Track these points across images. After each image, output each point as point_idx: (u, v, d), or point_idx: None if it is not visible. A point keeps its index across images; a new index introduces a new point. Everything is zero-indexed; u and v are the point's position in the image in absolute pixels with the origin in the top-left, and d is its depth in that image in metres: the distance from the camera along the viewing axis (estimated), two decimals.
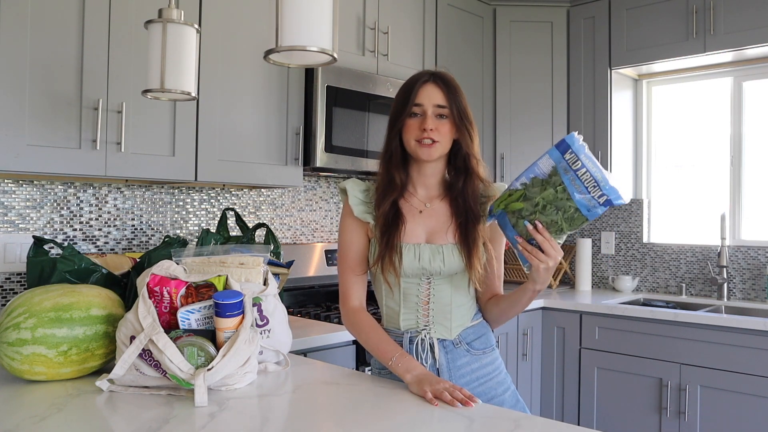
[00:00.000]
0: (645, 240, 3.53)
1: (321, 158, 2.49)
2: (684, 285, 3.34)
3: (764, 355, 2.52)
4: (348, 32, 2.68)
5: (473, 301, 1.61)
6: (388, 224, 1.51)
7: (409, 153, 1.55)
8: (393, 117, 1.56)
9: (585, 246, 3.52)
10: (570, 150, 1.33)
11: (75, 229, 2.25)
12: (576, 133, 1.36)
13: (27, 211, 2.14)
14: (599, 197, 1.31)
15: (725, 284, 3.16)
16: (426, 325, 1.54)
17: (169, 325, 1.40)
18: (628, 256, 3.56)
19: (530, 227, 1.35)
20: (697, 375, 2.68)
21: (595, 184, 1.31)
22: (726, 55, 3.07)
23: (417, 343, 1.52)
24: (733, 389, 2.59)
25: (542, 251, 1.36)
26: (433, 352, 1.52)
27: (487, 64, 3.43)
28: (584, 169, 1.31)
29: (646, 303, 3.27)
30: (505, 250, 1.71)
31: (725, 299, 3.16)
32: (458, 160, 1.57)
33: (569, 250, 3.70)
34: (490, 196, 1.57)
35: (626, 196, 1.34)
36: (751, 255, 3.15)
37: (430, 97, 1.51)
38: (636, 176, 3.53)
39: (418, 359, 1.50)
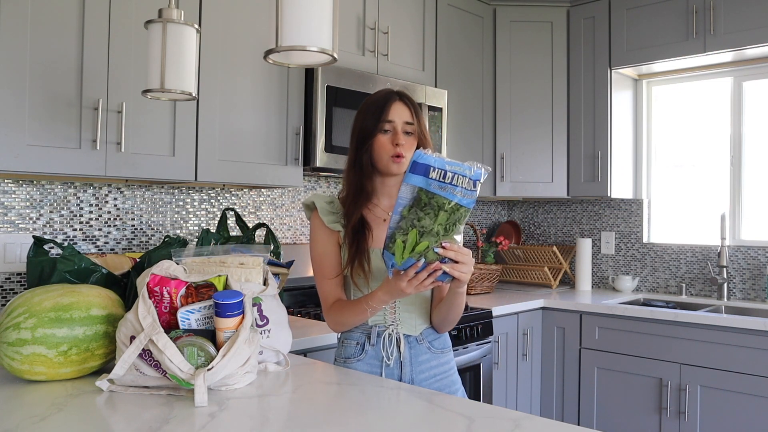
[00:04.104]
0: (645, 240, 3.53)
1: (321, 158, 2.48)
2: (684, 285, 3.34)
3: (764, 355, 2.52)
4: (348, 32, 2.68)
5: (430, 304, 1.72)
6: (357, 231, 1.61)
7: (379, 167, 1.64)
8: (363, 132, 1.64)
9: (585, 246, 3.52)
10: (430, 167, 1.40)
11: (75, 229, 2.25)
12: (421, 150, 1.42)
13: (27, 211, 2.14)
14: (472, 185, 1.41)
15: (725, 284, 3.16)
16: (393, 322, 1.65)
17: (169, 325, 1.40)
18: (628, 256, 3.56)
19: (441, 251, 1.40)
20: (697, 375, 2.68)
21: (463, 177, 1.40)
22: (726, 55, 3.07)
23: (384, 337, 1.63)
24: (733, 389, 2.59)
25: (457, 261, 1.42)
26: (399, 346, 1.63)
27: (487, 64, 3.43)
28: (452, 174, 1.40)
29: (646, 303, 3.27)
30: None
31: (725, 299, 3.16)
32: None
33: (569, 250, 3.71)
34: None
35: (484, 169, 1.43)
36: (751, 255, 3.15)
37: (400, 114, 1.62)
38: (636, 176, 3.53)
39: (384, 352, 1.62)
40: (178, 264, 1.50)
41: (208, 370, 1.30)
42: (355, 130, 1.67)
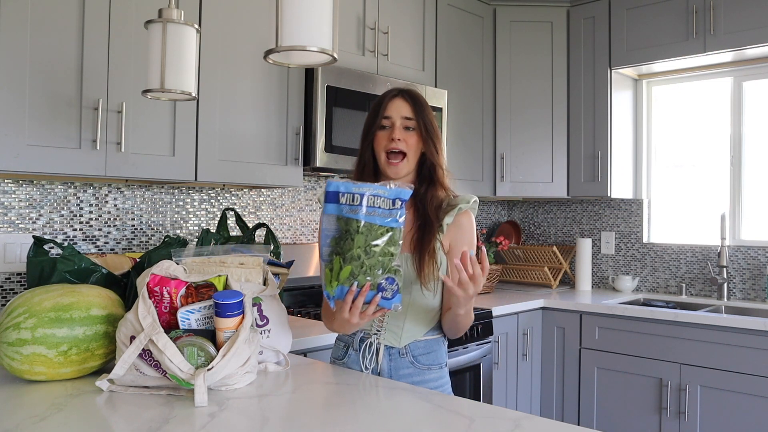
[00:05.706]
0: (645, 240, 3.53)
1: (321, 158, 2.48)
2: (684, 285, 3.34)
3: (764, 355, 2.52)
4: (348, 32, 2.68)
5: (433, 317, 1.64)
6: None
7: (380, 165, 1.62)
8: (365, 130, 1.65)
9: (585, 246, 3.52)
10: (339, 193, 1.36)
11: (75, 229, 2.25)
12: (331, 179, 1.38)
13: (27, 211, 2.14)
14: (390, 204, 1.36)
15: (725, 284, 3.16)
16: (378, 330, 1.60)
17: (169, 325, 1.40)
18: (628, 256, 3.56)
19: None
20: (697, 375, 2.68)
21: (376, 197, 1.35)
22: (726, 55, 3.07)
23: (365, 346, 1.60)
24: (733, 389, 2.59)
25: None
26: (377, 356, 1.59)
27: (487, 64, 3.43)
28: (359, 195, 1.35)
29: (646, 303, 3.27)
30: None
31: (725, 299, 3.16)
32: (424, 170, 1.63)
33: (569, 250, 3.71)
34: (454, 206, 1.60)
35: (407, 187, 1.39)
36: (751, 255, 3.15)
37: (398, 109, 1.60)
38: (636, 176, 3.53)
39: (363, 360, 1.59)
40: (178, 264, 1.50)
41: (208, 370, 1.30)
42: (362, 130, 1.67)
